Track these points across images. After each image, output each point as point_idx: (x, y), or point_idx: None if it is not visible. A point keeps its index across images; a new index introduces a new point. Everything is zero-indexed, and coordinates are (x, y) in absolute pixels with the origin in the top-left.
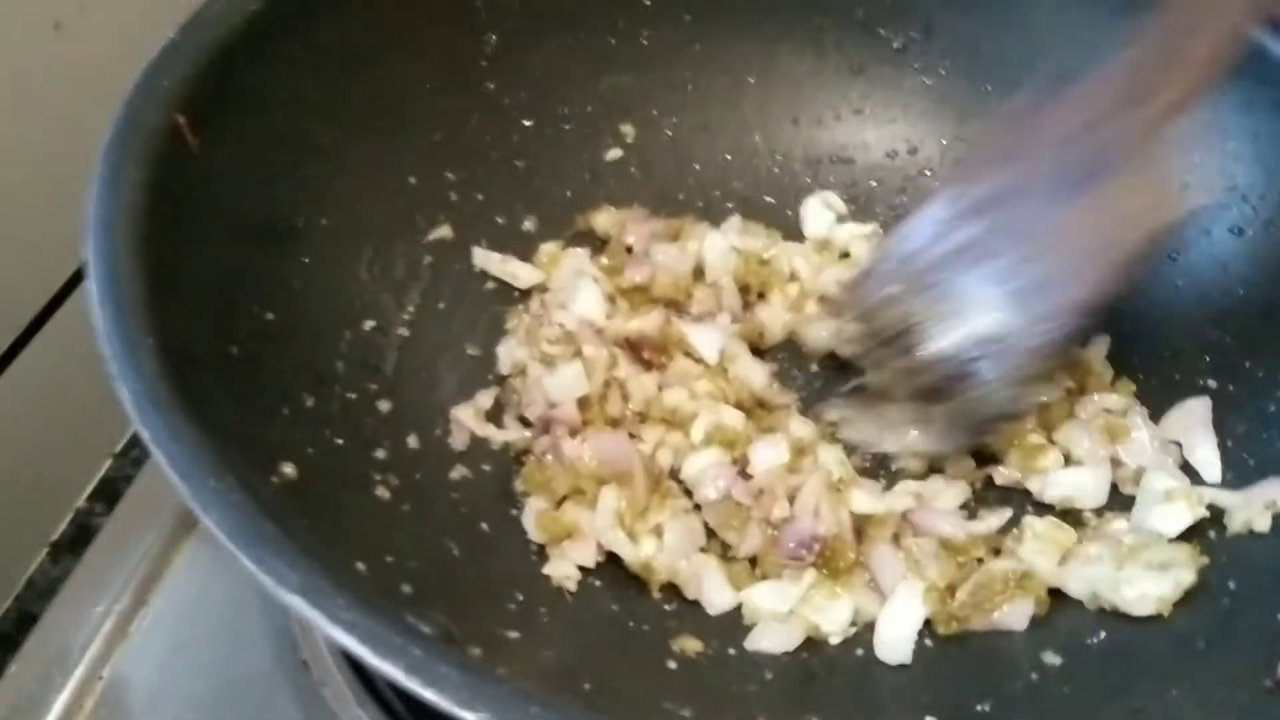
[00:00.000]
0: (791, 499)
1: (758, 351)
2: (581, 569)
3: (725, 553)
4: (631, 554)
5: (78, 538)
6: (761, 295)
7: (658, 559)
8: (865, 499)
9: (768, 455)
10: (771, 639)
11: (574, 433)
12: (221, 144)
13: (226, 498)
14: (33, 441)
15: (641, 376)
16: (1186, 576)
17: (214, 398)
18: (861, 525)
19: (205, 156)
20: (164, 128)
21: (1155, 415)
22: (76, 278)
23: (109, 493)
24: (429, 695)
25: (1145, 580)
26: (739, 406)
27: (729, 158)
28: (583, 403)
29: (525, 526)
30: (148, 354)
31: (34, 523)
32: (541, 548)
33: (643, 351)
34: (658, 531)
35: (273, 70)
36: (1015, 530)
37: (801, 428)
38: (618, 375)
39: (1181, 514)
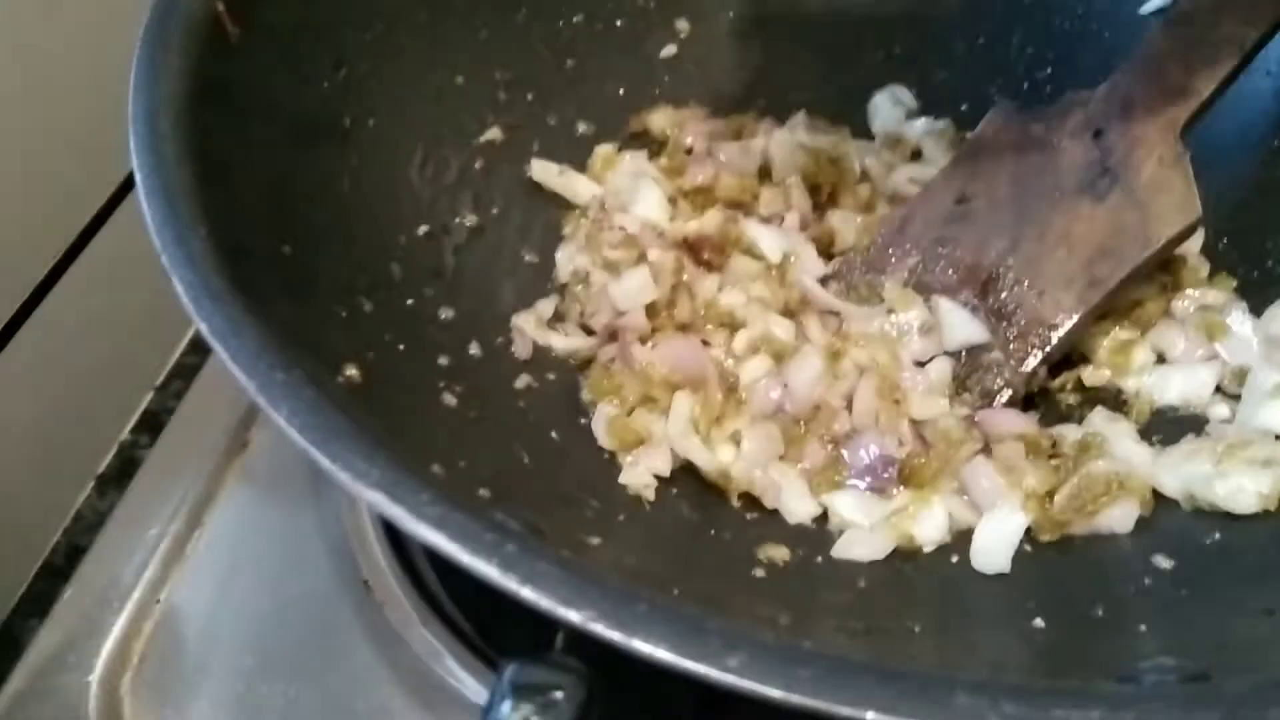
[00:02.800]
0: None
1: (830, 258)
2: (657, 477)
3: None
4: (708, 461)
5: (123, 470)
6: (831, 197)
7: (735, 467)
8: (923, 404)
9: (803, 373)
10: (861, 547)
11: (643, 340)
12: (262, 36)
13: (297, 391)
14: (74, 376)
15: (704, 279)
16: None
17: (274, 295)
18: (925, 430)
19: (246, 48)
20: (204, 16)
21: (1257, 310)
22: (111, 204)
23: (152, 425)
24: (526, 593)
25: (1243, 476)
26: (792, 313)
27: (790, 52)
28: (650, 308)
29: (596, 433)
30: (201, 244)
31: (78, 457)
32: (613, 455)
33: (703, 253)
34: (735, 439)
35: None
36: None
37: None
38: (685, 279)
39: None
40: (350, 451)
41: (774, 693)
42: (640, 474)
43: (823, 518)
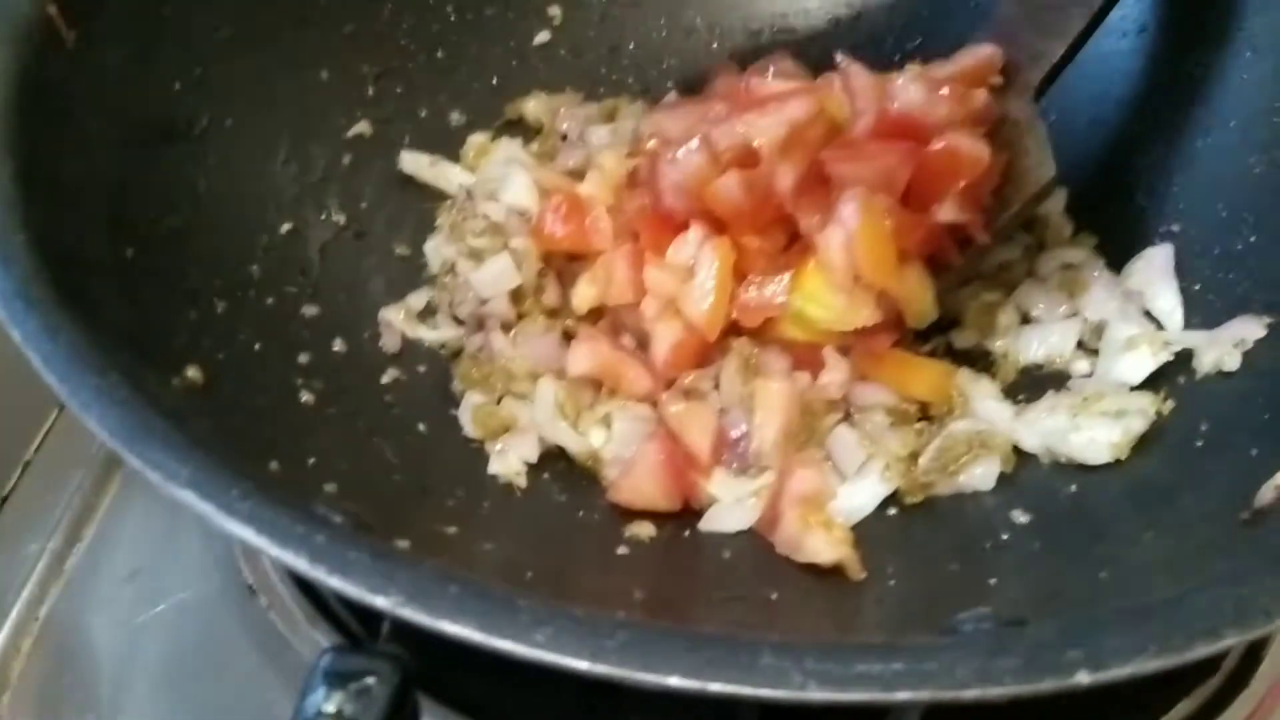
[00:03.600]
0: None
1: None
2: (528, 463)
3: None
4: (577, 445)
5: None
6: None
7: (606, 449)
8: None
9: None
10: (727, 519)
11: (507, 328)
12: (103, 37)
13: (109, 395)
14: None
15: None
16: (1138, 422)
17: (106, 300)
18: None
19: (85, 51)
20: (35, 18)
21: (1117, 266)
22: None
23: None
24: (335, 582)
25: (1097, 428)
26: None
27: (664, 34)
28: (517, 295)
29: (462, 423)
30: (20, 251)
31: None
32: (482, 444)
33: None
34: (606, 421)
35: None
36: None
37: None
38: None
39: (1144, 360)
40: (161, 452)
41: (580, 664)
42: (510, 461)
43: None
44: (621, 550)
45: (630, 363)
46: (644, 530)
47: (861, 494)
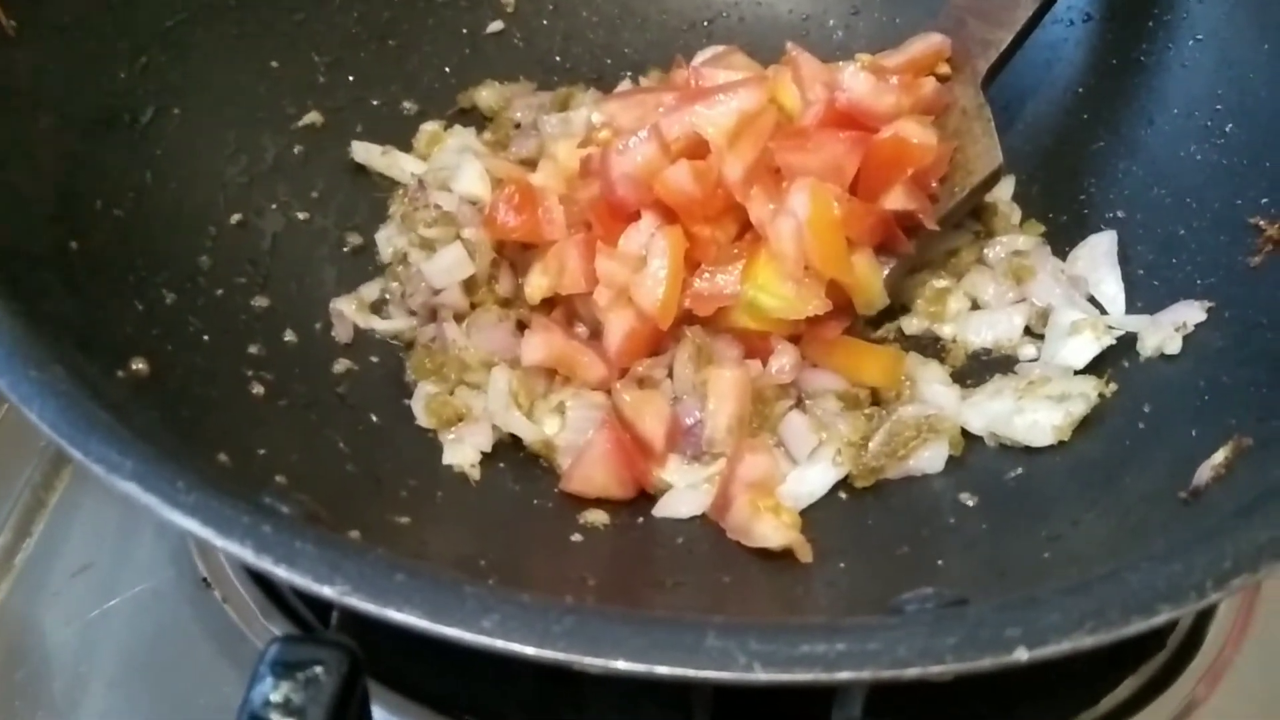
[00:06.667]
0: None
1: None
2: (482, 453)
3: None
4: (530, 433)
5: None
6: None
7: (560, 437)
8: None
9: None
10: (681, 505)
11: (460, 318)
12: (44, 28)
13: (52, 387)
14: None
15: (525, 254)
16: (1079, 406)
17: (49, 293)
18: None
19: (26, 40)
20: None
21: (1063, 253)
22: None
23: None
24: (281, 572)
25: (1040, 411)
26: None
27: (619, 22)
28: (470, 285)
29: (415, 413)
30: None
31: None
32: (436, 435)
33: None
34: (560, 410)
35: None
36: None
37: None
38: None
39: (1087, 344)
40: (104, 445)
41: (528, 650)
42: (464, 451)
43: None
44: (576, 538)
45: (584, 352)
46: (598, 517)
47: (812, 479)
